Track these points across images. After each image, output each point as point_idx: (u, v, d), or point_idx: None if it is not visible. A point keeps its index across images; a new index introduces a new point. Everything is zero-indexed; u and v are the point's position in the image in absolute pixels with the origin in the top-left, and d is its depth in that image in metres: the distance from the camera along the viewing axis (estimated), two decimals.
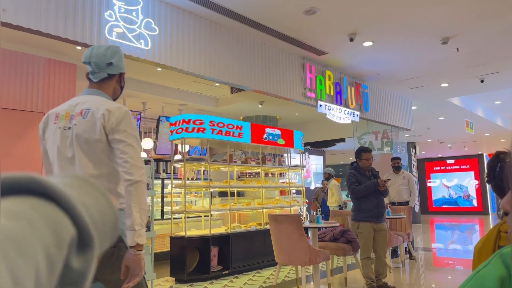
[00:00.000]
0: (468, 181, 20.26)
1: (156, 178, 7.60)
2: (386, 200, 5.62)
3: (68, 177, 0.36)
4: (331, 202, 9.62)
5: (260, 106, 9.27)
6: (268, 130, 7.15)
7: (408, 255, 7.12)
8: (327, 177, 10.19)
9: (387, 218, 5.63)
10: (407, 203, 7.18)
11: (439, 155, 20.79)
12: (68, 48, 5.68)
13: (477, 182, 20.03)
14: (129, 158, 1.85)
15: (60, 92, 6.10)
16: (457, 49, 6.62)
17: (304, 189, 8.12)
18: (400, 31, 6.01)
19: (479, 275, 0.54)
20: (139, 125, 8.53)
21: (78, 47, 5.40)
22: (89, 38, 4.22)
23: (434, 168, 21.27)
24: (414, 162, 15.35)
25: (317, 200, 10.20)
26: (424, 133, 14.07)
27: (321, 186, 10.48)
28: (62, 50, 5.92)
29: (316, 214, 5.29)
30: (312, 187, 13.47)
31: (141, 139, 8.79)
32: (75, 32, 4.11)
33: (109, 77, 2.13)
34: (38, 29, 3.85)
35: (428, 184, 21.22)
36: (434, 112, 11.46)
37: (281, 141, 7.34)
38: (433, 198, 21.07)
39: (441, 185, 20.88)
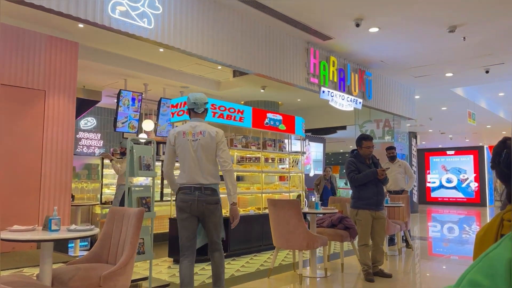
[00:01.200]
0: (468, 171, 20.31)
1: (157, 160, 7.59)
2: (384, 189, 5.63)
3: None
4: None
5: (262, 91, 9.21)
6: (269, 115, 7.11)
7: (404, 244, 7.16)
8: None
9: (385, 206, 5.64)
10: (403, 191, 7.19)
11: (440, 146, 20.79)
12: (70, 25, 5.61)
13: (475, 175, 20.07)
14: (226, 157, 3.47)
15: (62, 69, 6.05)
16: (464, 38, 6.53)
17: (303, 175, 8.12)
18: (407, 18, 5.93)
19: (489, 256, 0.54)
20: (140, 106, 8.48)
21: (81, 25, 5.34)
22: (92, 15, 4.16)
23: (434, 159, 21.29)
24: (414, 152, 15.35)
25: (318, 187, 10.23)
26: (425, 123, 14.03)
27: (323, 173, 10.51)
28: (64, 27, 5.85)
29: (317, 200, 5.29)
30: (311, 174, 13.49)
31: (142, 121, 8.76)
32: (77, 8, 4.04)
33: (205, 110, 3.70)
34: (40, 3, 3.79)
35: (427, 175, 21.27)
36: (437, 102, 11.40)
37: (282, 126, 7.31)
38: (432, 188, 21.15)
39: (440, 170, 20.93)
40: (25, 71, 5.72)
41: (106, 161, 7.80)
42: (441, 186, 20.99)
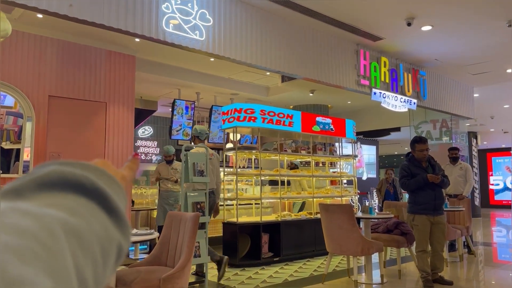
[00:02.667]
0: None
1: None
2: (443, 192, 5.38)
3: (98, 170, 0.39)
4: None
5: (311, 94, 9.18)
6: (318, 119, 7.07)
7: (466, 250, 6.80)
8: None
9: (444, 210, 5.40)
10: (457, 196, 6.84)
11: (503, 146, 19.50)
12: (127, 40, 5.94)
13: None
14: (219, 175, 5.27)
15: (121, 82, 6.41)
16: None
17: (356, 179, 7.97)
18: (462, 14, 5.68)
19: None
20: (193, 114, 8.77)
21: (137, 39, 5.64)
22: (148, 30, 4.39)
23: (497, 160, 20.01)
24: (474, 153, 14.53)
25: (380, 191, 9.35)
26: (486, 122, 13.25)
27: (385, 176, 9.45)
28: (122, 42, 6.21)
29: (381, 206, 5.17)
30: (364, 178, 13.18)
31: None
32: (135, 25, 4.29)
33: (206, 137, 5.15)
34: (101, 22, 4.06)
35: (490, 176, 20.02)
36: (498, 100, 10.74)
37: (332, 129, 7.24)
38: (495, 191, 19.87)
39: (504, 171, 19.61)
40: (87, 84, 6.13)
41: None
42: (505, 188, 19.65)
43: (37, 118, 5.66)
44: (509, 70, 8.25)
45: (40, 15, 5.10)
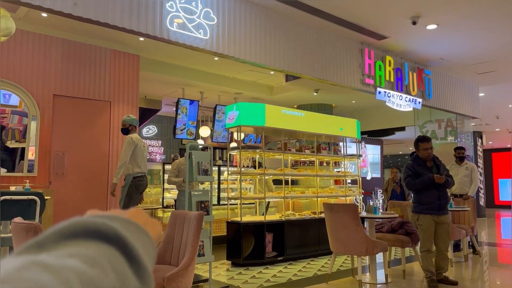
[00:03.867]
0: None
1: (213, 165, 7.80)
2: (448, 192, 5.34)
3: (123, 220, 0.39)
4: None
5: (315, 94, 9.16)
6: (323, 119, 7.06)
7: (471, 250, 6.76)
8: None
9: (449, 210, 5.37)
10: (462, 196, 6.80)
11: (508, 146, 19.38)
12: (132, 39, 5.95)
13: None
14: None
15: (125, 81, 6.43)
16: None
17: (360, 179, 7.95)
18: (467, 12, 5.64)
19: None
20: (197, 114, 8.77)
21: (141, 38, 5.65)
22: (152, 29, 4.39)
23: (502, 160, 19.87)
24: (480, 153, 14.45)
25: (387, 191, 8.98)
26: (492, 122, 13.17)
27: (391, 176, 9.08)
28: (126, 41, 6.22)
29: (386, 206, 5.15)
30: (369, 177, 13.14)
31: (198, 127, 9.05)
32: (139, 23, 4.29)
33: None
34: (105, 21, 4.07)
35: (495, 177, 19.89)
36: (504, 99, 10.67)
37: (336, 129, 7.22)
38: (500, 191, 19.74)
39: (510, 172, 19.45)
40: (92, 84, 6.15)
41: (168, 167, 8.14)
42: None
43: (42, 117, 5.68)
44: None
45: (44, 14, 5.12)
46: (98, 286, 0.31)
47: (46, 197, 4.45)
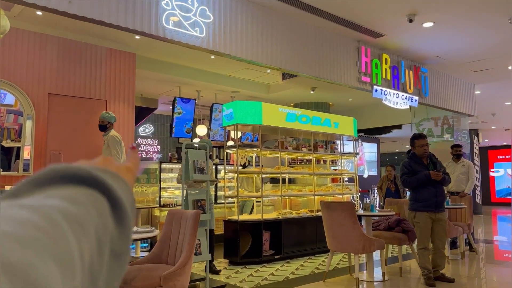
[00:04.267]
0: None
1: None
2: (445, 190, 5.35)
3: (97, 167, 0.38)
4: None
5: (312, 92, 9.15)
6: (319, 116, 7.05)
7: (468, 247, 6.79)
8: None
9: (446, 207, 5.39)
10: (459, 193, 6.82)
11: (504, 143, 19.45)
12: (127, 37, 5.92)
13: None
14: None
15: (121, 80, 6.39)
16: None
17: (357, 177, 7.96)
18: (464, 10, 5.64)
19: None
20: (194, 112, 8.75)
21: (137, 36, 5.62)
22: (148, 27, 4.37)
23: (498, 157, 19.96)
24: (476, 150, 14.50)
25: (381, 189, 8.82)
26: (488, 119, 13.22)
27: (386, 173, 8.89)
28: (122, 39, 6.18)
29: (377, 204, 5.15)
30: (365, 176, 13.17)
31: (195, 126, 9.03)
32: (134, 21, 4.27)
33: None
34: (101, 19, 4.04)
35: (491, 174, 19.97)
36: (500, 97, 10.71)
37: (333, 127, 7.22)
38: (497, 188, 19.82)
39: (505, 175, 19.56)
40: (87, 82, 6.11)
41: (164, 165, 8.12)
42: (507, 191, 19.60)
43: (37, 116, 5.65)
44: (510, 67, 8.21)
45: (39, 12, 5.08)
46: (81, 222, 0.30)
47: None
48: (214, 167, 5.97)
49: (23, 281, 0.24)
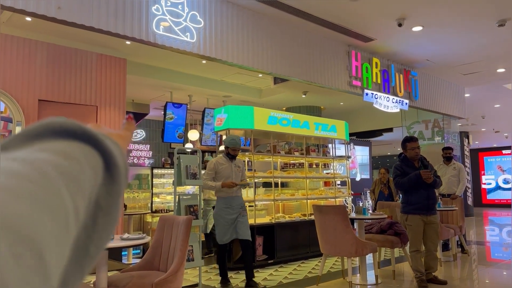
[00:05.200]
0: None
1: (202, 168, 7.75)
2: (436, 192, 5.39)
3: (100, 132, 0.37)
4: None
5: (303, 96, 9.18)
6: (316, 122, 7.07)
7: (460, 249, 6.83)
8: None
9: (437, 210, 5.42)
10: (450, 195, 6.87)
11: (494, 145, 19.67)
12: (118, 43, 5.90)
13: None
14: None
15: (112, 85, 6.36)
16: None
17: (349, 180, 7.98)
18: (452, 14, 5.71)
19: None
20: (185, 117, 8.73)
21: (128, 42, 5.60)
22: (138, 33, 4.36)
23: (489, 159, 20.17)
24: (467, 153, 14.64)
25: (373, 192, 8.44)
26: (478, 122, 13.36)
27: (379, 176, 8.47)
28: (112, 45, 6.16)
29: (369, 207, 5.15)
30: (358, 179, 13.21)
31: (187, 131, 9.00)
32: (125, 27, 4.26)
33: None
34: (90, 25, 4.02)
35: (482, 176, 20.17)
36: (489, 100, 10.84)
37: (325, 131, 7.24)
38: (488, 190, 20.02)
39: (496, 171, 19.78)
40: (78, 88, 6.07)
41: (156, 171, 8.08)
42: (497, 187, 19.83)
43: (27, 122, 5.59)
44: (499, 70, 8.32)
45: (28, 18, 5.04)
46: (75, 177, 0.30)
47: None
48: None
49: (17, 233, 0.23)
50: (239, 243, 4.81)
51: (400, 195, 7.69)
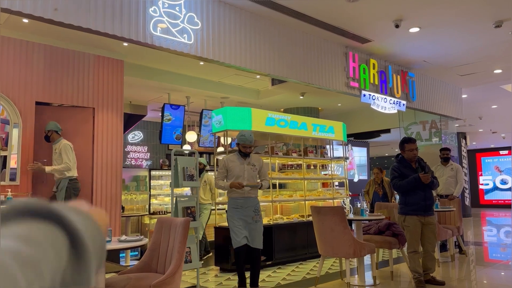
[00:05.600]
0: None
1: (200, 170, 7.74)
2: (434, 193, 5.39)
3: (66, 206, 0.38)
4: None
5: (301, 97, 9.19)
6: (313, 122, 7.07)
7: (458, 250, 6.84)
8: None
9: (435, 211, 5.43)
10: (448, 196, 6.88)
11: (492, 146, 19.73)
12: (115, 44, 5.89)
13: None
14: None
15: (109, 87, 6.35)
16: None
17: (347, 181, 7.98)
18: (449, 16, 5.73)
19: None
20: (183, 119, 8.72)
21: (125, 43, 5.59)
22: (135, 34, 4.35)
23: (486, 160, 20.23)
24: (464, 153, 14.67)
25: (368, 194, 8.32)
26: (475, 123, 13.39)
27: (373, 177, 8.40)
28: (109, 46, 6.15)
29: (367, 208, 5.15)
30: (356, 180, 13.22)
31: (185, 133, 8.99)
32: (122, 28, 4.25)
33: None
34: (87, 26, 4.02)
35: (480, 176, 20.22)
36: (487, 100, 10.87)
37: (323, 132, 7.25)
38: (485, 190, 20.07)
39: (493, 171, 19.84)
40: (75, 90, 6.06)
41: (154, 173, 8.07)
42: (495, 188, 19.89)
43: (24, 124, 5.58)
44: (496, 71, 8.35)
45: (25, 20, 5.03)
46: (34, 262, 0.30)
47: None
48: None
49: None
50: (247, 250, 4.42)
51: (397, 196, 7.71)
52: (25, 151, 5.57)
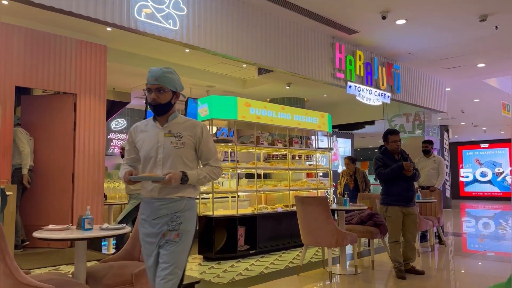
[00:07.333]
0: (503, 165, 19.57)
1: None
2: (415, 185, 5.48)
3: None
4: None
5: (287, 87, 9.17)
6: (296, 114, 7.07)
7: (437, 240, 6.98)
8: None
9: (417, 202, 5.51)
10: (429, 188, 7.00)
11: (473, 139, 20.12)
12: (98, 29, 5.76)
13: (511, 168, 19.31)
14: None
15: (92, 72, 6.22)
16: (496, 27, 6.29)
17: (331, 172, 8.04)
18: (435, 9, 5.76)
19: None
20: None
21: (109, 28, 5.47)
22: (119, 19, 4.25)
23: (467, 153, 20.63)
24: (446, 146, 14.93)
25: (340, 184, 7.98)
26: (457, 116, 13.61)
27: (345, 167, 8.00)
28: (93, 31, 6.01)
29: (344, 197, 5.22)
30: (340, 170, 13.33)
31: None
32: (105, 13, 4.15)
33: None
34: (69, 9, 3.91)
35: (460, 169, 20.63)
36: (469, 94, 11.04)
37: (308, 122, 7.26)
38: (465, 183, 20.51)
39: (474, 164, 20.27)
40: (57, 75, 5.92)
41: None
42: (475, 180, 20.35)
43: (3, 109, 5.43)
44: (479, 65, 8.47)
45: (5, 1, 4.87)
46: None
47: (8, 193, 4.27)
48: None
49: None
50: None
51: (370, 188, 7.76)
52: (4, 137, 5.44)
